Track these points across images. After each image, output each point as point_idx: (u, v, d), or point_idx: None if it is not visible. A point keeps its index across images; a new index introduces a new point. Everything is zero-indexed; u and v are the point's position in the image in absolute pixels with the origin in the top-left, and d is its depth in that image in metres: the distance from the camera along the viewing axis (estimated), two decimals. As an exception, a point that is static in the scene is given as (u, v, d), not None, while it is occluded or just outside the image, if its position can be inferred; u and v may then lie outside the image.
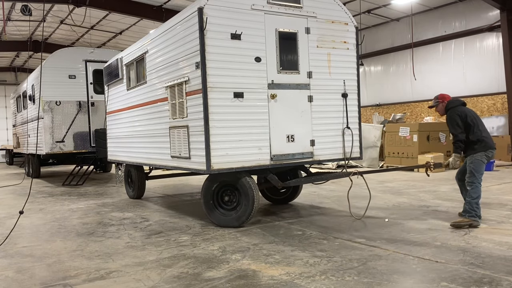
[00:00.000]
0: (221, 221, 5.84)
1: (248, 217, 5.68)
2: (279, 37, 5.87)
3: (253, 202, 5.61)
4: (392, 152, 12.59)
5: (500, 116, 13.90)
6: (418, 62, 16.43)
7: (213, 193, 5.88)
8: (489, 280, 3.48)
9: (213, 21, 5.39)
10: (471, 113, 5.59)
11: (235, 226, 5.72)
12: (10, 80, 25.39)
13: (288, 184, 6.21)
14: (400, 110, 17.48)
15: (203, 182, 5.98)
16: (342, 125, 6.42)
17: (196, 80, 5.53)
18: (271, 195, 7.49)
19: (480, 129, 5.48)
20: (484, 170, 5.47)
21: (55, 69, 11.87)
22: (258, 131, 5.68)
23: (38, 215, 7.28)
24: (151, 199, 8.65)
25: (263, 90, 5.73)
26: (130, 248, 4.94)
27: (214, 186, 5.86)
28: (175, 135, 6.23)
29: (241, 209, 5.71)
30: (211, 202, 5.88)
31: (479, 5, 14.50)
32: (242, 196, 5.69)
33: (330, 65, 6.31)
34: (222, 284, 3.65)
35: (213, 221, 5.91)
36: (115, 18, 16.85)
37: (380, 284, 3.49)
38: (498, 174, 10.57)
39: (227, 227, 5.74)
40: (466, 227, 5.17)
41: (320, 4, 6.24)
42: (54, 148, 11.78)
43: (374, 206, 6.90)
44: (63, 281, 3.89)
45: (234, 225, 5.74)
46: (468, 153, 5.53)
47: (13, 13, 15.81)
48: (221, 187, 5.89)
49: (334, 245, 4.70)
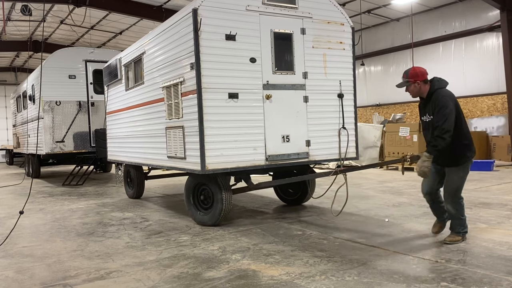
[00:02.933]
0: (198, 219, 6.02)
1: (218, 217, 5.77)
2: (274, 38, 5.87)
3: (222, 203, 5.69)
4: (392, 152, 12.58)
5: (500, 116, 13.90)
6: (418, 62, 16.43)
7: (193, 191, 6.09)
8: (489, 280, 3.48)
9: (207, 22, 5.40)
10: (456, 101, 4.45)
11: (209, 225, 5.86)
12: (10, 80, 25.39)
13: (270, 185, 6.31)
14: (400, 110, 17.48)
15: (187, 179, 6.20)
16: (338, 125, 6.41)
17: (191, 81, 5.53)
18: (284, 195, 7.52)
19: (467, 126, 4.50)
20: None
21: (55, 69, 11.87)
22: (253, 131, 5.68)
23: (38, 215, 7.28)
24: (151, 199, 8.65)
25: (258, 91, 5.73)
26: (130, 248, 4.94)
27: (194, 185, 6.08)
28: (171, 135, 6.24)
29: (212, 209, 5.84)
30: (191, 200, 6.12)
31: (479, 5, 14.50)
32: (213, 196, 5.81)
33: (326, 66, 6.31)
34: (222, 284, 3.65)
35: (192, 218, 6.10)
36: (115, 18, 16.85)
37: (380, 284, 3.49)
38: (498, 174, 10.57)
39: (227, 227, 5.74)
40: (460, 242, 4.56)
41: (315, 5, 6.23)
42: (54, 148, 11.78)
43: (374, 206, 6.91)
44: (63, 281, 3.89)
45: (208, 224, 5.88)
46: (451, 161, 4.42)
47: (13, 13, 15.80)
48: (200, 186, 6.06)
49: (334, 245, 4.70)
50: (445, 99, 4.28)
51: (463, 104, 15.00)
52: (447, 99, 4.28)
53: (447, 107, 4.23)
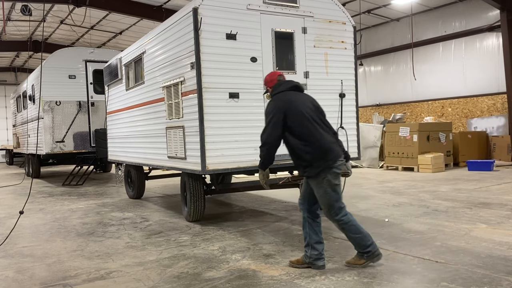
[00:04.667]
0: (185, 215, 6.36)
1: (191, 215, 6.12)
2: (276, 37, 5.86)
3: (190, 202, 6.04)
4: (392, 152, 12.58)
5: (500, 116, 13.89)
6: (418, 62, 16.43)
7: (184, 189, 6.33)
8: (489, 280, 3.48)
9: (208, 21, 5.39)
10: (306, 102, 3.87)
11: (189, 221, 6.20)
12: (10, 80, 25.38)
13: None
14: (400, 110, 17.48)
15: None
16: (339, 125, 6.40)
17: (191, 81, 5.52)
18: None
19: (322, 129, 3.82)
20: (339, 190, 3.82)
21: (55, 69, 11.88)
22: (254, 131, 5.65)
23: (38, 215, 7.28)
24: (151, 199, 8.65)
25: (259, 90, 5.72)
26: (130, 248, 4.94)
27: (183, 183, 6.34)
28: (172, 135, 6.24)
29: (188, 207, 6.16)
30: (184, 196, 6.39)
31: (479, 5, 14.49)
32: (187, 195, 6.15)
33: (328, 65, 6.29)
34: (222, 284, 3.65)
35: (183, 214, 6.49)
36: (115, 18, 16.84)
37: (380, 284, 3.49)
38: (498, 174, 10.57)
39: (227, 227, 5.74)
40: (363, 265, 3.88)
41: (317, 4, 6.22)
42: (54, 148, 11.79)
43: (374, 206, 6.90)
44: (63, 281, 3.89)
45: (188, 220, 6.23)
46: (303, 172, 3.84)
47: (13, 13, 15.80)
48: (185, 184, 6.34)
49: (334, 245, 4.70)
50: (270, 107, 3.88)
51: (463, 104, 15.01)
52: (272, 106, 3.86)
53: (269, 116, 3.84)
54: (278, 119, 3.78)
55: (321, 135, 3.80)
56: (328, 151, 3.76)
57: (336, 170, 3.78)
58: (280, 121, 3.77)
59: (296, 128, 3.79)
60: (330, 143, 3.82)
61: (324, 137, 3.80)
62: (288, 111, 3.79)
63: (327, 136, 3.83)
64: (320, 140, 3.78)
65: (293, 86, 4.00)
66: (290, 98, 3.88)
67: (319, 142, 3.77)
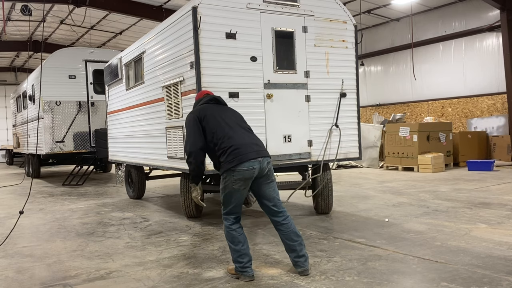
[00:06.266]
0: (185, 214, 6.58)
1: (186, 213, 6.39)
2: (276, 36, 5.84)
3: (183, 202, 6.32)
4: (392, 152, 12.58)
5: (500, 116, 13.90)
6: (418, 62, 16.44)
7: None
8: (489, 280, 3.48)
9: (207, 20, 5.37)
10: (214, 111, 3.94)
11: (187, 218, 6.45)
12: (10, 80, 25.39)
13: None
14: (400, 110, 17.48)
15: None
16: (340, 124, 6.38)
17: (191, 80, 5.51)
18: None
19: (223, 132, 3.79)
20: (238, 201, 3.86)
21: (55, 69, 11.88)
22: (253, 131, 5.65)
23: (38, 215, 7.28)
24: (151, 199, 8.65)
25: (259, 90, 5.70)
26: (130, 248, 4.94)
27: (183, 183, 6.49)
28: (171, 135, 6.23)
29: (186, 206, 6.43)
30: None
31: (479, 5, 14.50)
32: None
33: (328, 64, 6.27)
34: (222, 284, 3.65)
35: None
36: (115, 18, 16.85)
37: (380, 284, 3.49)
38: (498, 174, 10.57)
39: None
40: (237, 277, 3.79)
41: (317, 3, 6.19)
42: (54, 148, 11.79)
43: (374, 206, 6.90)
44: (63, 281, 3.89)
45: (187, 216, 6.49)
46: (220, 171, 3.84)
47: (13, 13, 15.81)
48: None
49: (334, 245, 4.70)
50: (186, 121, 3.97)
51: (463, 104, 15.02)
52: (187, 120, 3.94)
53: (187, 129, 3.94)
54: (191, 129, 3.85)
55: (235, 137, 3.78)
56: (230, 152, 3.70)
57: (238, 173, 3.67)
58: (195, 130, 3.83)
59: (209, 129, 3.83)
60: (243, 145, 3.75)
61: (237, 140, 3.76)
62: (204, 118, 3.86)
63: (242, 139, 3.79)
64: (227, 140, 3.75)
65: (212, 99, 4.10)
66: (205, 107, 3.98)
67: (229, 141, 3.74)
